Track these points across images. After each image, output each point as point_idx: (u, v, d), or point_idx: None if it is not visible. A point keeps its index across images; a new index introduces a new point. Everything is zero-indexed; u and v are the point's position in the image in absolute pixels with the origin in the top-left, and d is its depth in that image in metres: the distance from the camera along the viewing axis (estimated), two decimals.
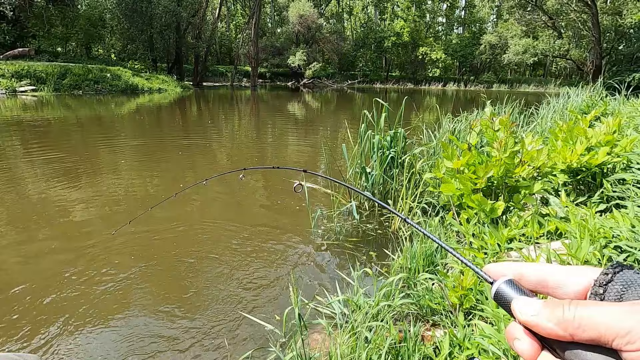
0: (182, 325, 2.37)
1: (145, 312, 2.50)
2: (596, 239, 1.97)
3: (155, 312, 2.50)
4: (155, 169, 6.11)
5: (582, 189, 3.33)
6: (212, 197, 4.87)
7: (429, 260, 2.64)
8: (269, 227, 3.88)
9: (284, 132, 10.73)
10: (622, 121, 3.13)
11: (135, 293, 2.70)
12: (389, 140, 4.18)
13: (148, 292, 2.72)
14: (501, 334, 1.56)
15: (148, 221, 3.97)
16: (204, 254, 3.28)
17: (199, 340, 2.24)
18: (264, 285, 2.82)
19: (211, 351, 2.15)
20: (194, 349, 2.17)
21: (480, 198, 2.53)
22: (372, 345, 1.71)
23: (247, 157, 7.51)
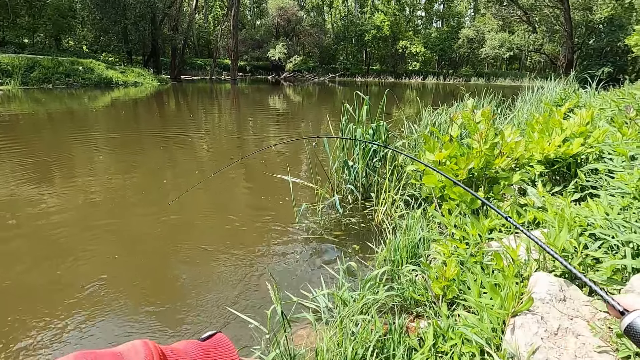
0: (162, 323, 2.31)
1: (124, 311, 2.42)
2: (572, 228, 2.02)
3: (135, 310, 2.43)
4: (134, 164, 5.92)
5: (558, 179, 3.43)
6: (192, 191, 4.76)
7: (412, 252, 2.66)
8: (252, 221, 3.83)
9: (266, 126, 10.61)
10: (594, 113, 3.22)
11: (113, 290, 2.61)
12: (371, 134, 4.18)
13: (126, 290, 2.64)
14: (484, 323, 1.58)
15: (124, 215, 3.85)
16: (184, 250, 3.21)
17: (180, 338, 2.19)
18: (247, 280, 2.78)
19: None
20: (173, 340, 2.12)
21: (461, 189, 2.56)
22: (358, 339, 1.71)
23: (229, 151, 7.38)
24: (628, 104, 3.53)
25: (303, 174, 5.53)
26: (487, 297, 1.82)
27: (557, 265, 1.77)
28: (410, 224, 2.83)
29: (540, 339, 1.36)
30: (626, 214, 2.04)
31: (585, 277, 0.46)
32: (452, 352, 1.67)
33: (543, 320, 1.42)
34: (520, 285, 1.71)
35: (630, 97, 4.47)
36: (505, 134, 2.66)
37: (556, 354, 1.30)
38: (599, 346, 1.31)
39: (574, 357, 1.29)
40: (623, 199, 2.28)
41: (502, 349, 1.47)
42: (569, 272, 1.89)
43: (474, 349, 1.54)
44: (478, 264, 2.07)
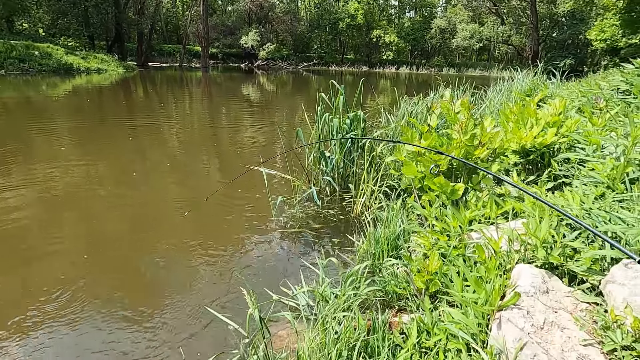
0: (135, 326, 2.16)
1: (96, 316, 2.25)
2: (550, 218, 2.03)
3: (108, 315, 2.26)
4: (101, 155, 5.56)
5: (531, 169, 3.50)
6: (163, 185, 4.54)
7: (392, 244, 2.63)
8: (227, 216, 3.69)
9: (239, 116, 10.32)
10: (566, 103, 3.28)
11: (82, 293, 2.42)
12: (348, 124, 4.10)
13: (97, 292, 2.46)
14: (469, 319, 1.55)
15: (91, 210, 3.60)
16: (156, 247, 3.03)
17: (153, 344, 2.05)
18: (223, 279, 2.66)
19: (168, 356, 1.98)
20: (147, 351, 1.99)
21: (442, 180, 2.53)
22: (341, 338, 1.64)
23: (201, 141, 7.11)
24: (598, 95, 3.63)
25: (279, 165, 5.39)
26: (470, 290, 1.80)
27: (539, 256, 1.77)
28: (390, 216, 2.78)
29: (527, 334, 1.34)
30: (602, 202, 2.07)
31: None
32: (436, 348, 1.64)
33: (529, 314, 1.41)
34: (504, 278, 1.69)
35: (596, 88, 4.62)
36: (485, 124, 2.65)
37: (543, 349, 1.28)
38: (585, 339, 1.31)
39: (560, 351, 1.27)
40: (597, 188, 2.33)
41: (489, 345, 1.45)
42: (549, 262, 1.90)
43: (460, 345, 1.51)
44: (460, 256, 2.05)
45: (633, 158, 2.24)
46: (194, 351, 2.01)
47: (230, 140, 7.24)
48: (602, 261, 1.68)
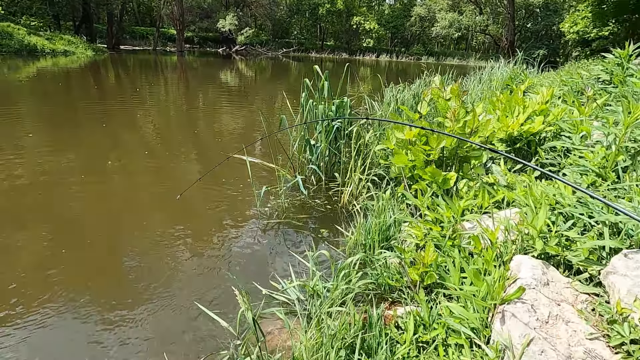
0: (113, 325, 2.01)
1: (75, 313, 2.08)
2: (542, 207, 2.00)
3: (89, 313, 2.09)
4: (72, 143, 5.21)
5: (518, 157, 3.50)
6: (140, 174, 4.30)
7: (384, 235, 2.56)
8: (210, 206, 3.53)
9: (218, 103, 9.98)
10: (553, 91, 3.28)
11: (59, 290, 2.23)
12: (334, 110, 3.98)
13: (75, 288, 2.27)
14: (470, 313, 1.50)
15: (63, 202, 3.36)
16: (135, 240, 2.86)
17: (133, 343, 1.92)
18: (209, 273, 2.53)
19: (150, 357, 1.85)
20: (127, 351, 1.85)
21: (434, 169, 2.47)
22: (337, 337, 1.56)
23: (179, 129, 6.81)
24: (587, 84, 3.65)
25: (262, 153, 5.23)
26: (467, 283, 1.76)
27: (537, 246, 1.74)
28: (380, 206, 2.71)
29: (533, 329, 1.29)
30: (595, 191, 2.06)
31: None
32: (435, 343, 1.59)
33: (533, 308, 1.36)
34: (503, 270, 1.65)
35: (577, 77, 4.68)
36: (477, 111, 2.59)
37: (550, 345, 1.24)
38: (591, 333, 1.27)
39: (567, 346, 1.24)
40: (587, 176, 2.32)
41: (492, 340, 1.40)
42: (545, 253, 1.87)
43: (462, 341, 1.46)
44: (455, 247, 2.00)
45: (624, 146, 2.24)
46: (179, 351, 1.89)
47: (210, 128, 6.98)
48: (600, 251, 1.66)
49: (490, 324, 1.46)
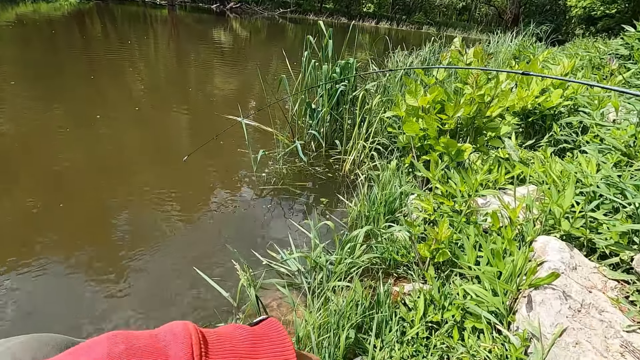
0: (103, 285, 1.87)
1: (58, 272, 1.92)
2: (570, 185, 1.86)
3: (79, 279, 1.93)
4: (57, 94, 4.84)
5: (530, 132, 3.34)
6: (130, 134, 4.03)
7: (389, 207, 2.42)
8: (205, 169, 3.32)
9: (212, 61, 9.47)
10: (575, 63, 3.07)
11: (46, 252, 2.06)
12: (338, 72, 3.71)
13: (65, 251, 2.10)
14: (495, 297, 1.38)
15: (47, 157, 3.11)
16: (126, 204, 2.66)
17: (124, 307, 1.78)
18: (204, 239, 2.37)
19: (142, 325, 1.72)
20: (117, 314, 1.72)
21: (449, 140, 2.29)
22: (345, 315, 1.44)
23: (171, 86, 6.43)
24: (610, 56, 3.44)
25: (259, 116, 4.96)
26: (484, 263, 1.63)
27: (563, 227, 1.60)
28: (387, 176, 2.55)
29: (566, 318, 1.17)
30: (624, 171, 1.92)
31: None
32: (447, 325, 1.48)
33: (565, 295, 1.24)
34: (526, 251, 1.52)
35: (594, 50, 4.45)
36: (501, 78, 2.38)
37: (586, 336, 1.12)
38: (628, 325, 1.16)
39: (603, 338, 1.12)
40: (611, 155, 2.18)
41: (515, 327, 1.29)
42: (567, 234, 1.75)
43: (481, 325, 1.34)
44: (471, 224, 1.86)
45: None
46: (171, 318, 1.75)
47: (203, 87, 6.60)
48: (632, 235, 1.54)
49: (514, 309, 1.35)
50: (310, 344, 1.26)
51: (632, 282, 1.38)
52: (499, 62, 6.54)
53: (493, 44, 8.01)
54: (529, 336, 1.20)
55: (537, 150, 2.86)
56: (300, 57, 3.76)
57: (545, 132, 3.09)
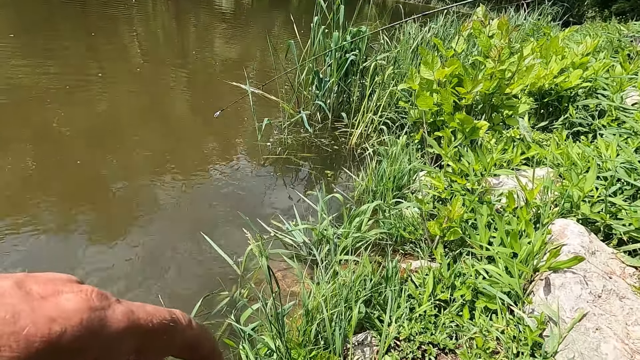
0: (109, 254, 1.82)
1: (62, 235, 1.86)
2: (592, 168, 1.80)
3: (76, 229, 1.88)
4: (53, 49, 4.62)
5: (543, 114, 3.24)
6: (131, 98, 3.88)
7: (398, 183, 2.35)
8: (208, 137, 3.22)
9: (213, 25, 9.10)
10: (598, 43, 2.93)
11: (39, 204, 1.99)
12: (349, 40, 3.54)
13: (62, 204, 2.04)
14: (511, 278, 1.34)
15: (43, 118, 2.99)
16: (131, 166, 2.58)
17: (128, 272, 1.74)
18: (209, 206, 2.31)
19: (145, 290, 1.68)
20: (121, 282, 1.68)
21: (465, 116, 2.20)
22: (353, 290, 1.40)
23: (171, 51, 6.18)
24: (636, 36, 3.29)
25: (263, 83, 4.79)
26: (497, 243, 1.59)
27: (583, 210, 1.55)
28: (396, 151, 2.47)
29: (586, 303, 1.14)
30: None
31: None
32: (456, 303, 1.46)
33: (585, 280, 1.20)
34: (544, 234, 1.47)
35: (615, 32, 4.28)
36: (525, 52, 2.26)
37: (606, 322, 1.09)
38: None
39: (624, 325, 1.09)
40: (631, 139, 2.11)
41: (531, 309, 1.26)
42: (584, 218, 1.70)
43: (495, 305, 1.31)
44: (485, 204, 1.81)
45: None
46: (176, 284, 1.72)
47: (204, 52, 6.36)
48: None
49: (528, 291, 1.31)
50: (320, 316, 1.23)
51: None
52: (513, 40, 6.33)
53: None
54: (546, 319, 1.17)
55: (552, 132, 2.78)
56: (303, 24, 3.57)
57: (560, 114, 3.00)
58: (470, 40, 3.37)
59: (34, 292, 0.27)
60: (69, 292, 0.28)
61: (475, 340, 1.24)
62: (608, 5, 24.51)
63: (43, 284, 0.28)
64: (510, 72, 2.23)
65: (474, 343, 1.25)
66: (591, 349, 1.03)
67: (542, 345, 1.13)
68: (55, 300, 0.27)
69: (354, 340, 1.32)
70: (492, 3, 42.07)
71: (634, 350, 1.01)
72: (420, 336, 1.37)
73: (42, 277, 0.29)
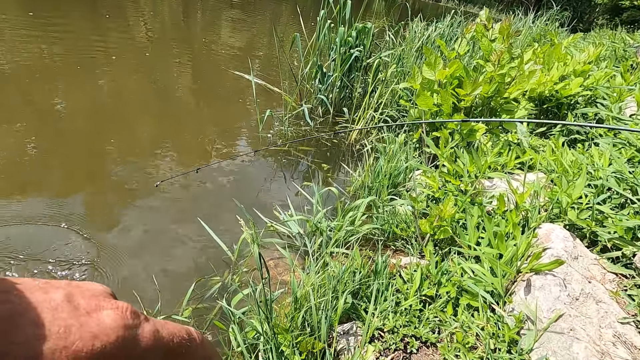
0: (101, 237, 1.86)
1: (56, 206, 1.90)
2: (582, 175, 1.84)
3: (75, 208, 1.92)
4: (61, 26, 4.63)
5: (542, 119, 3.27)
6: (130, 82, 3.90)
7: (394, 180, 2.39)
8: (209, 125, 3.25)
9: (218, 13, 9.06)
10: (601, 51, 2.95)
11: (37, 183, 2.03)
12: (354, 36, 3.55)
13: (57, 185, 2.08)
14: (494, 278, 1.39)
15: (43, 100, 3.02)
16: (129, 150, 2.61)
17: (122, 262, 1.78)
18: (207, 192, 2.35)
19: (144, 280, 1.73)
20: (114, 264, 1.73)
21: (463, 117, 2.23)
22: (342, 281, 1.44)
23: (177, 37, 6.18)
24: (637, 48, 3.31)
25: (266, 74, 4.81)
26: (484, 244, 1.63)
27: (570, 216, 1.60)
28: (394, 149, 2.51)
29: (563, 305, 1.19)
30: (636, 169, 1.89)
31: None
32: (442, 300, 1.50)
33: (565, 282, 1.25)
34: (530, 237, 1.51)
35: (619, 41, 4.29)
36: (525, 57, 2.29)
37: (581, 324, 1.14)
38: (624, 317, 1.18)
39: (598, 327, 1.14)
40: (625, 150, 2.14)
41: (511, 308, 1.30)
42: (571, 224, 1.75)
43: (477, 303, 1.36)
44: (476, 205, 1.85)
45: None
46: (169, 267, 1.76)
47: (209, 41, 6.35)
48: (636, 231, 1.53)
49: (510, 291, 1.36)
50: (307, 304, 1.27)
51: (630, 277, 1.39)
52: (518, 43, 6.32)
53: (514, 25, 7.70)
54: (524, 318, 1.22)
55: (549, 138, 2.81)
56: (309, 16, 3.57)
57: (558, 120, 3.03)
58: (475, 43, 3.39)
59: (81, 306, 0.29)
60: (109, 309, 0.31)
61: (455, 335, 1.29)
62: (619, 14, 24.29)
63: (88, 299, 0.31)
64: (510, 76, 2.26)
65: (455, 337, 1.30)
66: (564, 348, 1.08)
67: (519, 342, 1.18)
68: (98, 316, 0.30)
69: (340, 329, 1.37)
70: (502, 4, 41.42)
71: (604, 352, 1.06)
72: (404, 329, 1.42)
73: (86, 290, 0.32)
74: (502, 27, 2.25)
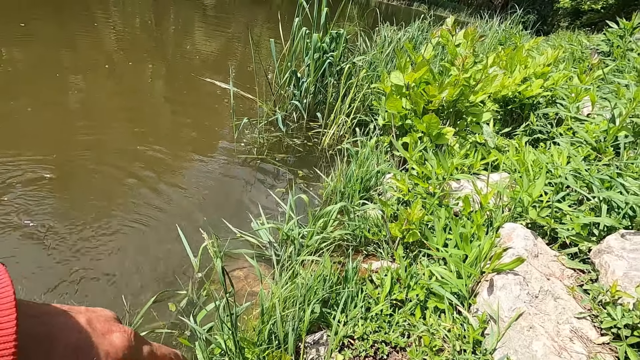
0: (68, 248, 1.79)
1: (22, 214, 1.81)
2: (542, 175, 1.91)
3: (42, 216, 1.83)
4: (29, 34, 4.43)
5: (507, 120, 3.38)
6: (99, 93, 3.78)
7: (365, 184, 2.41)
8: (180, 133, 3.18)
9: (190, 21, 8.94)
10: (559, 54, 3.09)
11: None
12: (328, 42, 3.58)
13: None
14: (458, 280, 1.41)
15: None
16: (95, 165, 2.52)
17: (83, 268, 1.72)
18: (175, 203, 2.29)
19: (99, 287, 1.66)
20: (81, 285, 1.66)
21: (433, 117, 2.27)
22: (311, 290, 1.44)
23: (145, 46, 6.04)
24: (593, 50, 3.48)
25: (239, 81, 4.77)
26: (451, 245, 1.67)
27: (531, 215, 1.65)
28: (365, 153, 2.53)
29: (523, 303, 1.22)
30: (591, 165, 1.98)
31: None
32: (411, 303, 1.52)
33: (525, 281, 1.29)
34: (492, 237, 1.56)
35: (577, 44, 4.50)
36: (489, 61, 2.36)
37: (540, 321, 1.17)
38: (580, 312, 1.22)
39: (556, 323, 1.18)
40: (582, 148, 2.24)
41: (476, 309, 1.33)
42: (533, 222, 1.81)
43: (443, 306, 1.38)
44: (443, 207, 1.89)
45: (628, 122, 2.14)
46: (135, 279, 1.71)
47: (181, 48, 6.25)
48: (592, 227, 1.60)
49: (475, 292, 1.39)
50: (274, 316, 1.26)
51: (587, 272, 1.45)
52: (485, 47, 6.53)
53: (481, 28, 7.96)
54: (488, 318, 1.25)
55: (513, 139, 2.91)
56: (287, 19, 3.57)
57: (523, 121, 3.14)
58: (443, 47, 3.47)
59: (98, 329, 0.37)
60: (118, 332, 0.38)
61: (422, 338, 1.31)
62: (579, 16, 25.48)
63: (102, 323, 0.38)
64: (474, 80, 2.32)
65: (422, 341, 1.32)
66: (524, 346, 1.11)
67: (482, 343, 1.21)
68: (110, 337, 0.37)
69: (310, 340, 1.36)
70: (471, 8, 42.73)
71: (561, 347, 1.10)
72: (374, 335, 1.43)
73: (100, 316, 0.39)
74: (466, 32, 2.32)
